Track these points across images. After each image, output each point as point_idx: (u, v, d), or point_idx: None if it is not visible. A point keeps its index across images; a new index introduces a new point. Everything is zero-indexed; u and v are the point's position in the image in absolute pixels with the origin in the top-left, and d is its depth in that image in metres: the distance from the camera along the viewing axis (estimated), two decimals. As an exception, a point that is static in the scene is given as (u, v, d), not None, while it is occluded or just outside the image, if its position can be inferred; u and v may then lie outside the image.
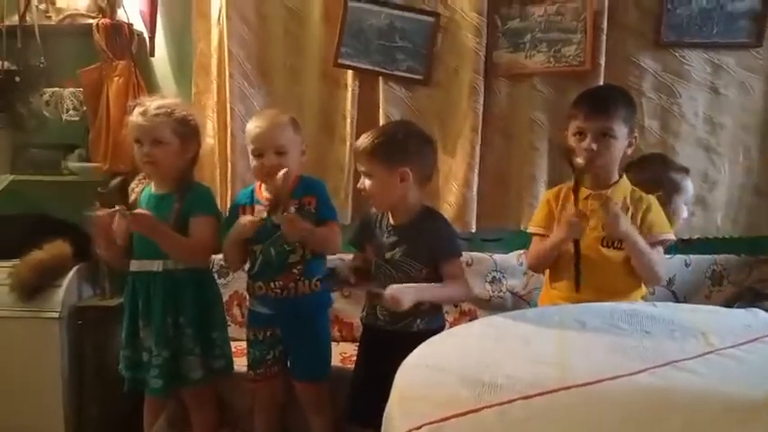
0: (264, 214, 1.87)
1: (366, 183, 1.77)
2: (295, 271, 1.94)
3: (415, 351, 1.29)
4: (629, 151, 1.86)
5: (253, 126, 1.93)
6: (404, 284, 1.70)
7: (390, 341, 1.72)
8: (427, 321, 1.79)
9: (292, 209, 1.84)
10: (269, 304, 1.98)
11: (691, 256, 2.42)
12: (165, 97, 2.04)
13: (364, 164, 1.77)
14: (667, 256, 2.25)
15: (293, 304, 1.95)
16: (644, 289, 1.89)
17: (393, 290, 1.65)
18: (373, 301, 1.82)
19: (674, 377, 1.13)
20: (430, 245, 1.77)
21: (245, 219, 1.90)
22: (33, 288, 2.26)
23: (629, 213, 1.78)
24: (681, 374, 1.14)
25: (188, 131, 1.97)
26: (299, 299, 1.95)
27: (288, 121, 1.95)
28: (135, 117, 1.92)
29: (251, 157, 1.94)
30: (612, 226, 1.72)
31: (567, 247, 1.82)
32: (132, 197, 2.01)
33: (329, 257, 2.04)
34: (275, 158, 1.88)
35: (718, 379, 1.12)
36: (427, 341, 1.39)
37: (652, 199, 1.87)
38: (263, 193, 1.95)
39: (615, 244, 1.79)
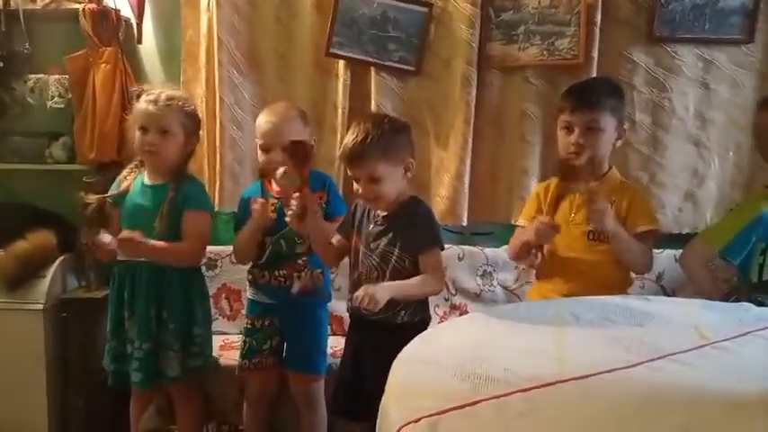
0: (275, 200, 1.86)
1: (372, 187, 1.68)
2: (300, 261, 1.96)
3: (410, 345, 1.27)
4: (619, 143, 1.86)
5: (263, 121, 1.92)
6: (378, 284, 1.64)
7: (376, 333, 1.71)
8: (412, 312, 1.74)
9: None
10: (270, 293, 1.98)
11: (680, 251, 2.42)
12: (173, 87, 2.03)
13: (367, 167, 1.66)
14: (658, 250, 2.27)
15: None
16: (633, 281, 1.89)
17: (367, 289, 1.59)
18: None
19: (671, 370, 1.12)
20: (413, 235, 1.74)
21: (258, 202, 1.87)
22: (17, 279, 2.22)
23: (614, 206, 1.77)
24: (678, 367, 1.13)
25: (193, 126, 1.97)
26: (301, 289, 1.95)
27: (297, 114, 1.95)
28: (144, 104, 1.89)
29: (259, 151, 1.94)
30: (598, 221, 1.72)
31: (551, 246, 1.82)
32: (124, 185, 1.98)
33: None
34: (281, 156, 1.86)
35: (716, 372, 1.12)
36: (421, 335, 1.38)
37: (640, 190, 1.87)
38: (273, 187, 1.94)
39: (602, 237, 1.79)
